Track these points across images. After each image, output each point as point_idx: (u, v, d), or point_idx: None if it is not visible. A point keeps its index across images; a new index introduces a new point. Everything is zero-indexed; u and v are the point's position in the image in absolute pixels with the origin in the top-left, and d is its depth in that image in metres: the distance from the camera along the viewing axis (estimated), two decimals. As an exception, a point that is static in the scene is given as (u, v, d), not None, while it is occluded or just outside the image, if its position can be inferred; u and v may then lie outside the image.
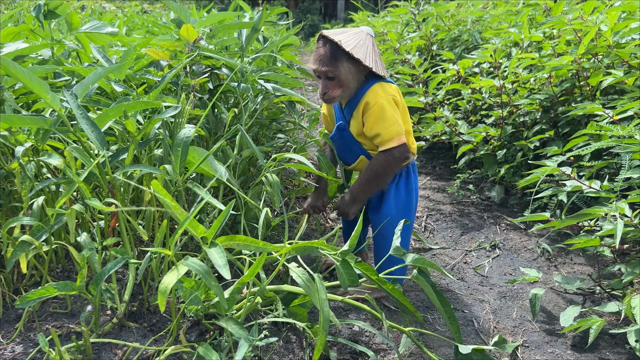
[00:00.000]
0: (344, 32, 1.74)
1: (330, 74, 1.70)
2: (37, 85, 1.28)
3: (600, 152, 2.46)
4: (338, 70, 1.69)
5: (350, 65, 1.70)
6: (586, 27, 2.60)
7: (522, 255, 2.41)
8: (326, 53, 1.69)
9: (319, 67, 1.70)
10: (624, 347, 1.76)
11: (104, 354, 1.38)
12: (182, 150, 1.37)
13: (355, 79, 1.74)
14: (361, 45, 1.71)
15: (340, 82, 1.72)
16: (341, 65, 1.69)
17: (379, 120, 1.71)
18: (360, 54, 1.68)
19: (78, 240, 1.43)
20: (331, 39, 1.68)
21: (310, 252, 1.42)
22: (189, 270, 1.34)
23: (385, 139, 1.72)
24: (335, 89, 1.74)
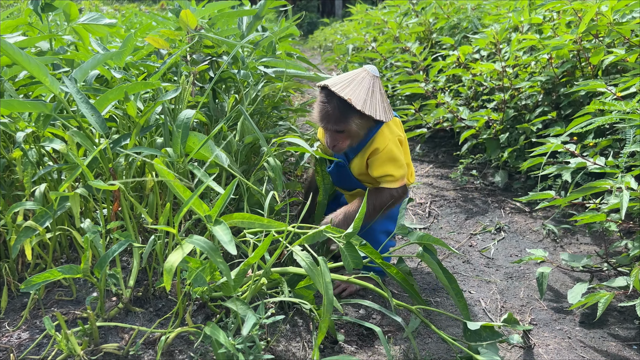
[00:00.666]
0: (350, 82, 1.67)
1: (340, 129, 1.68)
2: (36, 68, 1.28)
3: (604, 131, 2.45)
4: (349, 126, 1.67)
5: (360, 121, 1.68)
6: (586, 7, 2.58)
7: (527, 237, 2.39)
8: (334, 111, 1.64)
9: (328, 125, 1.67)
10: (633, 322, 1.75)
11: (111, 337, 1.38)
12: (182, 131, 1.36)
13: (364, 129, 1.72)
14: (370, 96, 1.67)
15: (350, 134, 1.71)
16: (352, 122, 1.67)
17: (388, 162, 1.75)
18: (371, 110, 1.66)
19: (82, 227, 1.43)
20: (339, 96, 1.62)
21: (318, 238, 1.41)
22: (193, 251, 1.34)
23: (389, 180, 1.77)
24: (345, 141, 1.73)
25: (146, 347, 1.35)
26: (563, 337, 1.68)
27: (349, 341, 1.63)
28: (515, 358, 1.56)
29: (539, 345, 1.63)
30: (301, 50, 11.70)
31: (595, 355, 1.58)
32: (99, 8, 9.14)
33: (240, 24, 2.35)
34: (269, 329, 1.53)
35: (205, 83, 2.23)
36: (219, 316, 1.42)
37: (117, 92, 1.37)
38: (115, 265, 1.65)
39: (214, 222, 1.14)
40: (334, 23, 9.37)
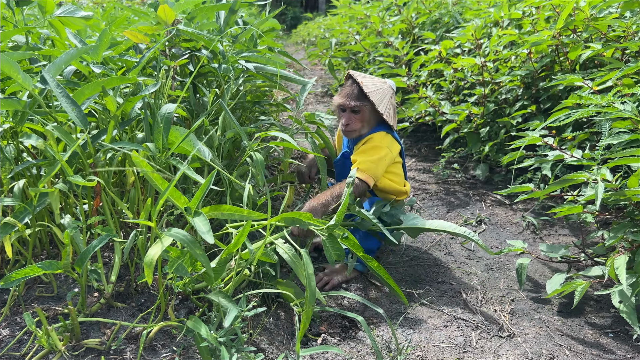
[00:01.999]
0: (370, 77, 1.98)
1: (357, 109, 1.91)
2: (7, 65, 1.26)
3: (582, 124, 2.49)
4: (364, 106, 1.92)
5: (372, 107, 1.93)
6: (564, 2, 2.62)
7: (507, 229, 2.43)
8: (354, 90, 1.92)
9: (348, 101, 1.92)
10: (609, 310, 1.79)
11: (92, 333, 1.37)
12: (164, 125, 1.36)
13: (373, 118, 1.97)
14: (380, 92, 1.93)
15: (363, 117, 1.94)
16: (367, 103, 1.91)
17: (365, 151, 1.91)
18: (376, 99, 1.90)
19: (62, 223, 1.42)
20: (357, 80, 1.92)
21: (298, 223, 1.42)
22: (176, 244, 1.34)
23: (357, 166, 1.85)
24: (357, 123, 1.94)
25: (128, 342, 1.35)
26: (541, 326, 1.72)
27: (332, 333, 1.65)
28: (494, 347, 1.59)
29: (518, 334, 1.67)
30: (285, 44, 11.66)
31: (572, 343, 1.62)
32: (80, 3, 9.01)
33: (219, 18, 2.34)
34: (252, 322, 1.53)
35: (186, 77, 2.22)
36: (201, 310, 1.42)
37: (93, 87, 1.36)
38: (96, 261, 1.64)
39: (193, 213, 1.14)
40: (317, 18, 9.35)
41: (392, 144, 1.96)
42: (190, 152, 1.53)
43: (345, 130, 1.96)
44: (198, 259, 1.07)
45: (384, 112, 1.92)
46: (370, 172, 1.87)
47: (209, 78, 2.30)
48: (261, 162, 1.55)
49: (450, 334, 1.66)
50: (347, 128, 1.94)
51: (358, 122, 1.94)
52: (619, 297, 1.57)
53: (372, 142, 1.93)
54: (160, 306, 1.36)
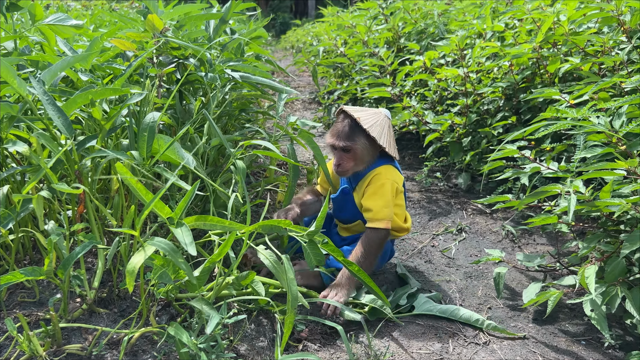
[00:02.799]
0: (364, 110, 1.87)
1: (348, 148, 1.81)
2: (5, 69, 1.28)
3: (560, 136, 2.55)
4: (355, 144, 1.81)
5: (366, 142, 1.82)
6: (544, 16, 2.69)
7: (487, 237, 2.48)
8: (344, 128, 1.81)
9: (337, 141, 1.81)
10: (582, 318, 1.84)
11: (74, 338, 1.39)
12: (148, 134, 1.38)
13: (368, 155, 1.85)
14: (378, 125, 1.83)
15: (355, 155, 1.83)
16: (359, 141, 1.81)
17: (376, 196, 1.84)
18: (376, 133, 1.80)
19: (45, 229, 1.44)
20: (351, 115, 1.81)
21: (277, 230, 1.45)
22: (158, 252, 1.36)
23: (375, 218, 1.83)
24: (349, 162, 1.84)
25: (110, 348, 1.37)
26: (517, 333, 1.76)
27: (313, 339, 1.68)
28: (470, 354, 1.63)
29: (494, 341, 1.71)
30: (273, 50, 11.70)
31: (546, 350, 1.66)
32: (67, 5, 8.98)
33: (208, 26, 2.37)
34: (234, 328, 1.56)
35: (173, 84, 2.24)
36: (183, 316, 1.45)
37: (84, 97, 1.38)
38: (79, 267, 1.66)
39: (176, 224, 1.16)
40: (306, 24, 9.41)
41: (396, 176, 1.91)
42: (174, 159, 1.55)
43: (337, 170, 1.86)
44: (180, 268, 1.10)
45: (385, 144, 1.83)
46: (388, 217, 1.83)
47: (195, 86, 2.33)
48: (242, 170, 1.58)
49: (428, 341, 1.70)
50: (338, 169, 1.85)
51: (350, 161, 1.84)
52: (590, 306, 1.62)
53: (378, 180, 1.85)
54: (142, 312, 1.38)
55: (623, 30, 2.39)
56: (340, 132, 1.82)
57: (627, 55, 2.33)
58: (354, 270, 1.60)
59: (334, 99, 4.68)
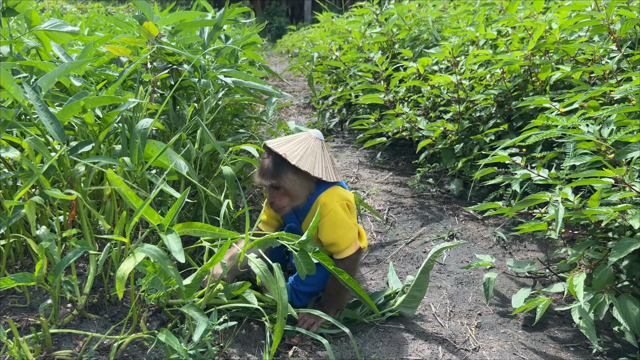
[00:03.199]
0: (290, 141, 1.68)
1: (276, 185, 1.64)
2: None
3: (551, 144, 2.57)
4: (283, 181, 1.63)
5: (295, 177, 1.65)
6: (536, 25, 2.71)
7: (478, 243, 2.50)
8: (269, 166, 1.64)
9: (262, 180, 1.65)
10: (571, 325, 1.85)
11: (64, 344, 1.39)
12: (140, 140, 1.39)
13: (303, 188, 1.69)
14: (309, 154, 1.67)
15: (287, 192, 1.66)
16: (285, 177, 1.63)
17: (335, 227, 1.70)
18: (307, 165, 1.63)
19: (37, 234, 1.44)
20: (275, 152, 1.63)
21: (270, 244, 1.46)
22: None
23: (342, 248, 1.73)
24: (283, 199, 1.68)
25: (100, 353, 1.37)
26: (506, 339, 1.77)
27: (303, 345, 1.69)
28: (459, 359, 1.64)
29: (483, 347, 1.72)
30: (269, 54, 11.72)
31: (535, 357, 1.68)
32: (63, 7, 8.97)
33: (202, 32, 2.38)
34: (224, 335, 1.56)
35: (166, 90, 2.25)
36: (173, 322, 1.45)
37: (77, 105, 1.39)
38: (70, 272, 1.66)
39: (166, 230, 1.17)
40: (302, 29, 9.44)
41: (343, 195, 1.75)
42: (167, 165, 1.56)
43: (273, 208, 1.71)
44: (169, 274, 1.11)
45: (321, 174, 1.67)
46: (354, 239, 1.75)
47: (189, 91, 2.34)
48: (231, 176, 1.59)
49: (418, 347, 1.71)
50: (273, 207, 1.70)
51: (283, 198, 1.68)
52: (578, 313, 1.64)
53: (326, 209, 1.69)
54: (133, 318, 1.39)
55: (613, 39, 2.42)
56: (265, 170, 1.65)
57: (617, 64, 2.35)
58: (345, 279, 1.61)
59: (329, 104, 4.70)
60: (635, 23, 2.40)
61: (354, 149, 4.15)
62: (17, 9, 2.12)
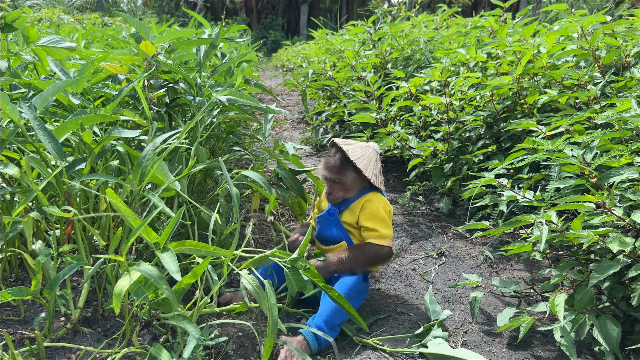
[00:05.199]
0: (353, 143, 2.03)
1: (337, 180, 1.97)
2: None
3: (538, 165, 2.64)
4: (345, 178, 1.97)
5: (355, 176, 1.97)
6: (525, 49, 2.79)
7: (466, 262, 2.55)
8: (335, 163, 1.97)
9: (328, 174, 1.98)
10: (554, 344, 1.90)
11: (58, 357, 1.42)
12: (145, 163, 1.44)
13: (357, 185, 2.01)
14: (366, 158, 1.99)
15: (345, 186, 1.99)
16: (348, 175, 1.96)
17: (378, 219, 1.98)
18: (362, 165, 1.95)
19: (33, 248, 1.47)
20: (340, 148, 1.97)
21: (264, 263, 1.50)
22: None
23: (381, 236, 1.97)
24: (339, 192, 2.00)
25: (93, 367, 1.40)
26: (491, 357, 1.81)
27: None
28: (445, 378, 1.68)
29: (468, 365, 1.76)
30: (264, 68, 11.82)
31: (518, 375, 1.72)
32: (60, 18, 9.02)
33: (199, 51, 2.43)
34: (215, 349, 1.59)
35: (162, 107, 2.30)
36: (165, 337, 1.48)
37: (74, 122, 1.43)
38: (65, 287, 1.69)
39: (162, 249, 1.21)
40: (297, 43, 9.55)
41: (386, 204, 2.04)
42: (162, 182, 1.60)
43: (329, 199, 2.04)
44: (164, 293, 1.14)
45: (371, 177, 1.97)
46: (389, 236, 1.98)
47: (184, 108, 2.39)
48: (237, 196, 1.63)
49: (405, 364, 1.75)
50: (329, 197, 2.02)
51: (340, 192, 2.00)
52: (560, 332, 1.69)
53: (371, 204, 1.99)
54: (126, 332, 1.42)
55: (598, 66, 2.50)
56: (332, 166, 1.97)
57: (600, 91, 2.43)
58: (334, 296, 1.65)
59: (322, 120, 4.76)
60: (619, 52, 2.48)
61: (346, 165, 4.20)
62: (16, 25, 2.16)
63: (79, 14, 11.64)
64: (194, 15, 3.02)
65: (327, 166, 1.99)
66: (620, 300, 1.76)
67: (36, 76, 2.26)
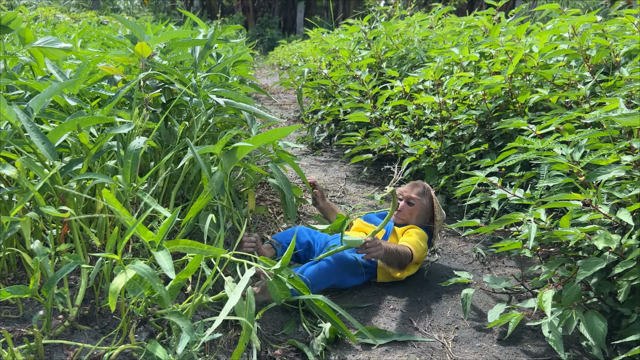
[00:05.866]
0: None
1: (412, 202, 2.39)
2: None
3: (530, 163, 2.68)
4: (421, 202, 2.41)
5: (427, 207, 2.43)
6: (516, 49, 2.83)
7: (459, 259, 2.58)
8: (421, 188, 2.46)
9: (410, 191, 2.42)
10: (543, 340, 1.94)
11: (56, 355, 1.45)
12: (132, 161, 1.47)
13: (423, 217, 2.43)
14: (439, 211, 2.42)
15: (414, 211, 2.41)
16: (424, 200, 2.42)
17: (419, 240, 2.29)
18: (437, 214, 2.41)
19: (31, 248, 1.50)
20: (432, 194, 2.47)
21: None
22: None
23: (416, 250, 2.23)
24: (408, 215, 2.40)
25: (90, 364, 1.43)
26: (481, 352, 1.85)
27: (285, 357, 1.75)
28: (436, 373, 1.72)
29: (459, 360, 1.80)
30: (261, 66, 11.84)
31: (507, 370, 1.76)
32: (56, 16, 9.02)
33: (194, 51, 2.46)
34: (210, 346, 1.63)
35: (158, 107, 2.32)
36: (161, 334, 1.51)
37: (71, 124, 1.46)
38: (63, 285, 1.72)
39: (157, 247, 1.24)
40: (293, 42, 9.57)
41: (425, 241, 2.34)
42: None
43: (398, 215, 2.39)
44: (158, 291, 1.17)
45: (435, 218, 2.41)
46: (420, 252, 2.26)
47: (180, 109, 2.41)
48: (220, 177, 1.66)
49: (397, 359, 1.79)
50: (398, 214, 2.39)
51: (409, 215, 2.39)
52: (548, 328, 1.72)
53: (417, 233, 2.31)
54: (123, 329, 1.45)
55: (588, 66, 2.53)
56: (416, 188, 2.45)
57: (590, 90, 2.47)
58: (320, 306, 1.69)
59: (318, 119, 4.79)
60: (609, 52, 2.52)
61: (341, 163, 4.24)
62: (11, 26, 2.19)
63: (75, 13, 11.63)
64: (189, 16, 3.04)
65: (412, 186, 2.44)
66: (607, 296, 1.80)
67: (33, 77, 2.28)
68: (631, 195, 1.72)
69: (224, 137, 1.77)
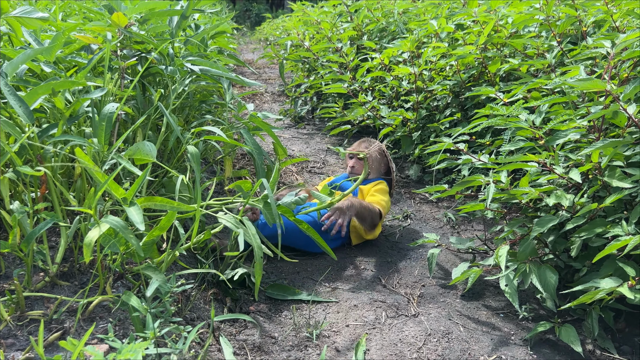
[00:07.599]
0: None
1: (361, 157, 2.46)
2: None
3: (500, 131, 2.77)
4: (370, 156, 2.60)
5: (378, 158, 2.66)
6: (488, 19, 2.89)
7: (430, 224, 2.69)
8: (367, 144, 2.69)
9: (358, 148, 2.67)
10: (504, 295, 2.05)
11: (37, 306, 1.53)
12: (106, 124, 1.53)
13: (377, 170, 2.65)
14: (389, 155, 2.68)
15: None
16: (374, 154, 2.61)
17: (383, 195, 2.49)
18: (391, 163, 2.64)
19: (11, 208, 1.57)
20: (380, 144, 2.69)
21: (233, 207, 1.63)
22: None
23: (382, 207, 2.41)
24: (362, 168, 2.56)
25: (69, 315, 1.52)
26: (444, 307, 1.96)
27: (259, 312, 1.85)
28: (400, 324, 1.83)
29: (422, 314, 1.91)
30: (247, 42, 11.77)
31: (467, 322, 1.87)
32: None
33: (171, 21, 2.50)
34: (186, 301, 1.72)
35: (136, 77, 2.37)
36: (136, 286, 1.60)
37: (45, 88, 1.52)
38: (42, 243, 1.80)
39: (129, 203, 1.32)
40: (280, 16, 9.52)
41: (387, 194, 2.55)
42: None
43: (352, 171, 2.61)
44: (129, 242, 1.25)
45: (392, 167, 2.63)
46: (385, 207, 2.45)
47: (157, 78, 2.46)
48: (196, 155, 1.73)
49: (364, 313, 1.89)
50: (353, 170, 2.61)
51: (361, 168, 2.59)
52: (505, 281, 1.83)
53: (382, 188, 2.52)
54: (100, 283, 1.54)
55: (555, 35, 2.61)
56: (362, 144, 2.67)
57: (558, 59, 2.54)
58: (304, 229, 1.78)
59: (301, 92, 4.84)
60: (575, 21, 2.59)
61: (323, 135, 4.31)
62: (-12, -3, 2.21)
63: (58, -13, 11.45)
64: (168, -13, 3.06)
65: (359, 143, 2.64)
66: (562, 253, 1.91)
67: (11, 47, 2.32)
68: (583, 155, 1.82)
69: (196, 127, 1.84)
